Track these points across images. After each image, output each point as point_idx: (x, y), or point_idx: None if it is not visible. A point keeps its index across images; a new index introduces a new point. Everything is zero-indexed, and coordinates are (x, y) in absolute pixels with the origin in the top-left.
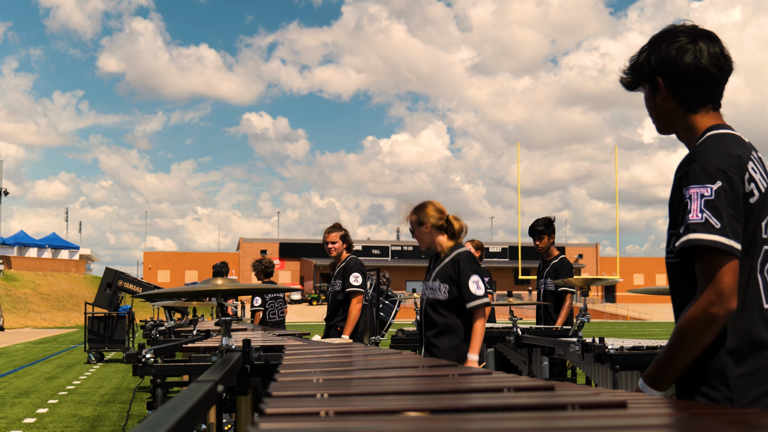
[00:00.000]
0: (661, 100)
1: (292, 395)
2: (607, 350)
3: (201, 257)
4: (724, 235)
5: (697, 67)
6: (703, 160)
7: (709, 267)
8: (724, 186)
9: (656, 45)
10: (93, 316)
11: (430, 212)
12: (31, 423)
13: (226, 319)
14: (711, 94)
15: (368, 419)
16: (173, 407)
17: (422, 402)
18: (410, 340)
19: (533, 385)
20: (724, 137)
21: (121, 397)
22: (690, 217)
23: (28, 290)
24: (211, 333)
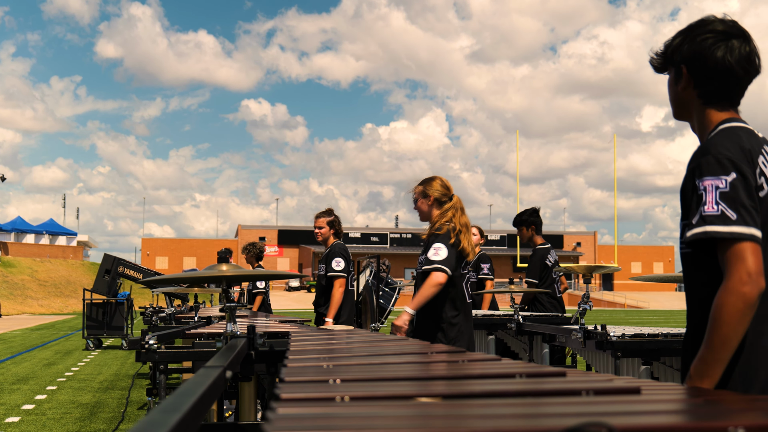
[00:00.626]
0: (682, 88)
1: (305, 380)
2: (609, 338)
3: (199, 244)
4: (742, 224)
5: (724, 64)
6: (716, 152)
7: (732, 253)
8: (739, 177)
9: (691, 34)
10: (91, 302)
11: (435, 186)
12: (30, 409)
13: (231, 305)
14: (732, 92)
15: (384, 404)
16: (186, 393)
17: (435, 387)
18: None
19: (545, 371)
20: (737, 130)
21: (120, 383)
22: (705, 209)
23: (25, 276)
24: (213, 319)
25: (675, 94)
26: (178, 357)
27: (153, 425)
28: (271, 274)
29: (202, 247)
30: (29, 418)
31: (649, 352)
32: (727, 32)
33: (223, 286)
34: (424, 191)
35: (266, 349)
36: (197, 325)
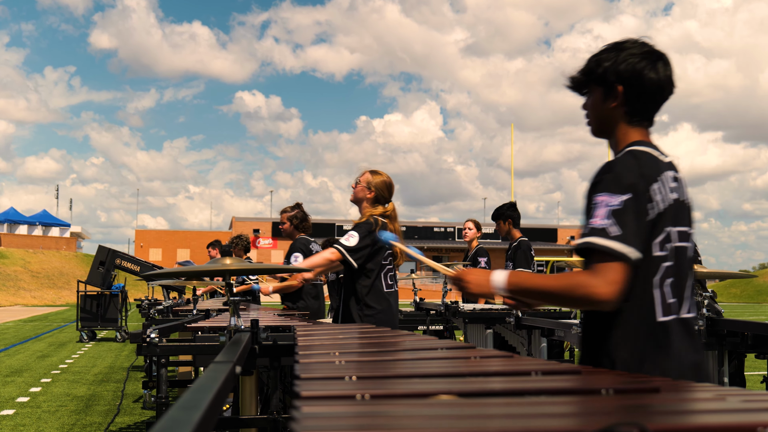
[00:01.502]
0: (612, 106)
1: (321, 377)
2: None
3: (193, 236)
4: (623, 242)
5: (657, 84)
6: (617, 171)
7: (604, 264)
8: (633, 199)
9: (622, 54)
10: (85, 294)
11: (382, 184)
12: (25, 402)
13: (234, 299)
14: (653, 112)
15: (405, 403)
16: (202, 389)
17: (452, 385)
18: (408, 321)
19: (561, 368)
20: (640, 155)
21: (115, 376)
22: (593, 222)
23: (18, 268)
24: (211, 312)
25: (601, 111)
26: (180, 350)
27: (177, 423)
28: (275, 268)
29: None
30: (24, 411)
31: None
32: (652, 53)
33: (227, 279)
34: (369, 181)
35: (270, 343)
36: (196, 318)
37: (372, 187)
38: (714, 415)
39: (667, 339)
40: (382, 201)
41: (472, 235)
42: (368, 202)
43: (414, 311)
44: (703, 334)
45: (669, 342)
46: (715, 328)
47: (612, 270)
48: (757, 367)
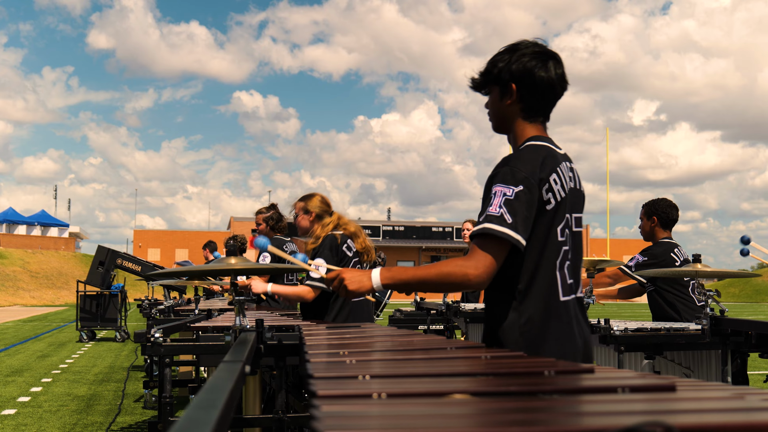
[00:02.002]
0: (508, 104)
1: (334, 376)
2: (613, 332)
3: (191, 236)
4: (514, 230)
5: (548, 81)
6: (513, 165)
7: (489, 247)
8: (525, 190)
9: (515, 55)
10: (85, 294)
11: (316, 202)
12: (26, 402)
13: (239, 298)
14: (547, 107)
15: (423, 402)
16: (216, 388)
17: (467, 384)
18: (408, 321)
19: (574, 368)
20: (538, 148)
21: (116, 376)
22: (490, 210)
23: (16, 268)
24: (213, 312)
25: (499, 109)
26: (184, 350)
27: (197, 423)
28: (281, 268)
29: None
30: (25, 411)
31: (652, 347)
32: (543, 53)
33: (232, 279)
34: (305, 207)
35: (275, 343)
36: (199, 318)
37: (310, 209)
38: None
39: (569, 317)
40: (325, 215)
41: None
42: (315, 223)
43: (414, 311)
44: (707, 333)
45: (570, 319)
46: (719, 327)
47: (492, 254)
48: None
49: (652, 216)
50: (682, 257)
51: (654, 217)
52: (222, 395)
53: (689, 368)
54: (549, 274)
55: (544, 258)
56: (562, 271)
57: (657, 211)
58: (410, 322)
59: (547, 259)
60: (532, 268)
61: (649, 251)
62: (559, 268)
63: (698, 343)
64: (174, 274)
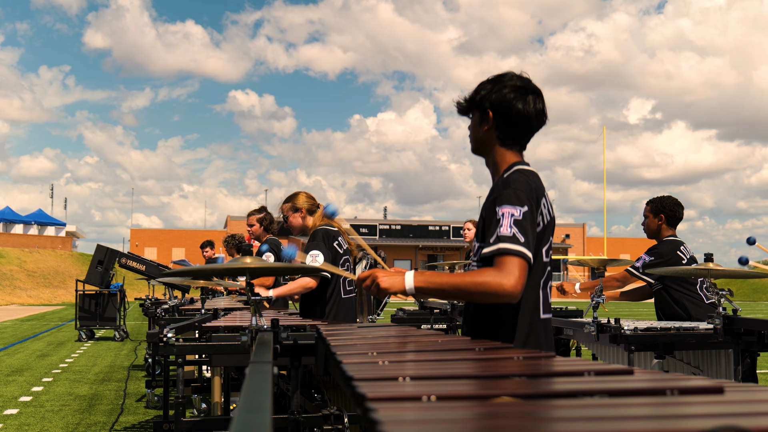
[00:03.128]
0: (486, 129)
1: (375, 377)
2: (623, 331)
3: (188, 234)
4: (526, 247)
5: (524, 114)
6: (515, 187)
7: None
8: (529, 211)
9: (497, 86)
10: (84, 293)
11: (302, 199)
12: (28, 401)
13: (256, 298)
14: (524, 138)
15: (472, 405)
16: (256, 390)
17: (509, 386)
18: (411, 320)
19: (613, 369)
20: (529, 173)
21: (116, 375)
22: (501, 231)
23: (13, 267)
24: (219, 311)
25: (477, 133)
26: (196, 350)
27: (254, 426)
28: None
29: (191, 238)
30: (28, 411)
31: (662, 346)
32: (524, 88)
33: (247, 278)
34: (293, 206)
35: (290, 343)
36: (206, 317)
37: (299, 207)
38: None
39: (548, 334)
40: (314, 209)
41: (472, 236)
42: (307, 219)
43: (418, 310)
44: (720, 332)
45: (548, 336)
46: (732, 326)
47: (519, 269)
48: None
49: (659, 214)
50: (689, 254)
51: (661, 215)
52: (266, 397)
53: (698, 368)
54: (534, 292)
55: (531, 277)
56: (545, 290)
57: (664, 208)
58: (413, 321)
59: (533, 278)
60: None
61: (655, 250)
62: (542, 287)
63: (709, 342)
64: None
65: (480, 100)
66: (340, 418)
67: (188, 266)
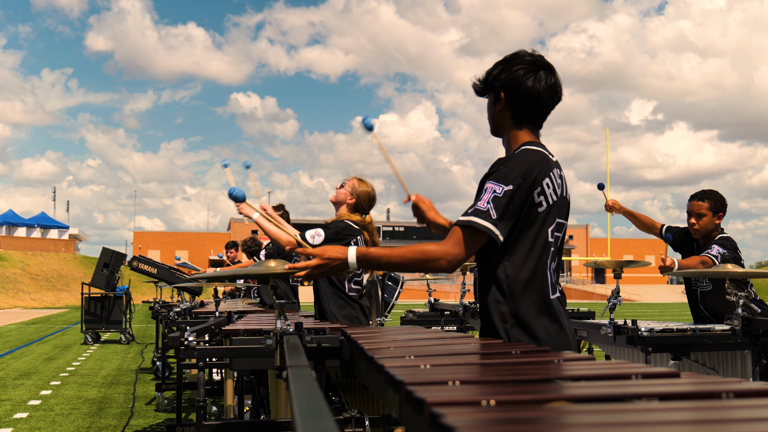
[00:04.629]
0: (500, 110)
1: (425, 382)
2: (640, 333)
3: (191, 237)
4: (495, 226)
5: (534, 91)
6: (508, 165)
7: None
8: (515, 190)
9: (508, 65)
10: (89, 296)
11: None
12: (37, 405)
13: (281, 302)
14: (538, 116)
15: (532, 409)
16: (309, 394)
17: (566, 390)
18: (421, 322)
19: (659, 371)
20: (533, 153)
21: (124, 378)
22: (478, 204)
23: (17, 270)
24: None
25: (493, 114)
26: (217, 354)
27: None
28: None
29: (194, 240)
30: (38, 414)
31: (679, 347)
32: (536, 63)
33: (272, 281)
34: (355, 189)
35: (314, 346)
36: (220, 320)
37: (355, 194)
38: None
39: (558, 313)
40: (361, 211)
41: None
42: (348, 207)
43: (428, 311)
44: (739, 333)
45: (558, 315)
46: (750, 327)
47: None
48: None
49: (719, 212)
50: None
51: (720, 213)
52: (322, 401)
53: (714, 369)
54: (541, 272)
55: (537, 257)
56: (550, 270)
57: (723, 207)
58: (423, 323)
59: (540, 258)
60: (525, 267)
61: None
62: (548, 268)
63: (726, 343)
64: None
65: (492, 81)
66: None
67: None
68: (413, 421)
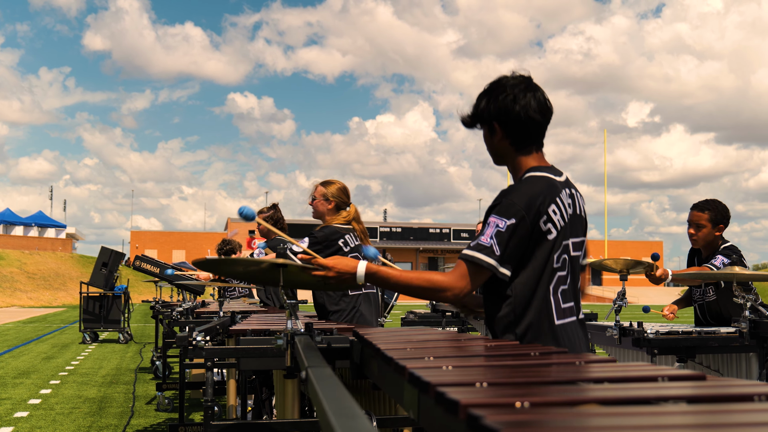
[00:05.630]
0: (498, 140)
1: (451, 383)
2: (646, 335)
3: (188, 237)
4: (499, 262)
5: (525, 115)
6: (511, 197)
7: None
8: (517, 224)
9: (493, 95)
10: (88, 295)
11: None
12: (37, 404)
13: (292, 302)
14: (536, 136)
15: (569, 412)
16: (338, 395)
17: (595, 392)
18: (422, 323)
19: (686, 374)
20: (537, 180)
21: (123, 378)
22: (481, 239)
23: (14, 269)
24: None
25: (492, 146)
26: (225, 354)
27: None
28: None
29: (191, 240)
30: (38, 413)
31: (684, 350)
32: (518, 86)
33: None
34: (325, 194)
35: (324, 346)
36: (224, 320)
37: (330, 197)
38: None
39: (565, 339)
40: (344, 207)
41: None
42: (330, 212)
43: (430, 312)
44: (746, 336)
45: (571, 341)
46: (757, 330)
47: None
48: None
49: (719, 224)
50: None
51: (721, 225)
52: (352, 401)
53: (718, 371)
54: (542, 299)
55: (539, 285)
56: (556, 295)
57: (725, 219)
58: (424, 324)
59: (542, 285)
60: (529, 295)
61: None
62: (552, 293)
63: (731, 346)
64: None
65: (481, 113)
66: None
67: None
68: (443, 422)
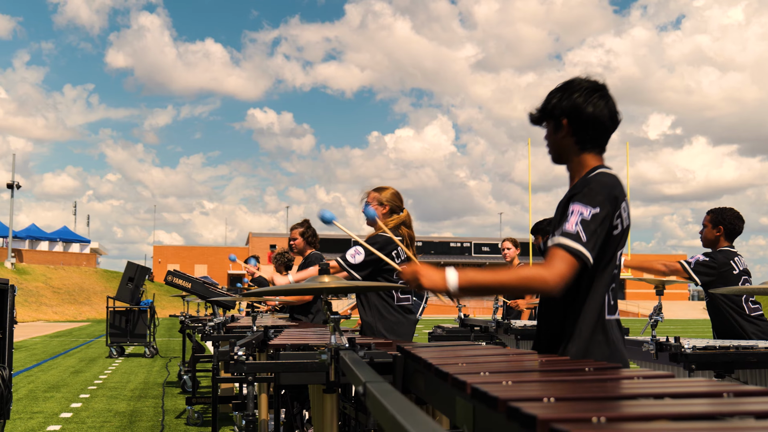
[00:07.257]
0: (562, 137)
1: (519, 398)
2: (684, 350)
3: (210, 251)
4: (587, 249)
5: (595, 116)
6: (593, 188)
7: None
8: (601, 213)
9: (567, 92)
10: (114, 310)
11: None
12: (69, 417)
13: (335, 317)
14: (601, 139)
15: (642, 427)
16: (412, 411)
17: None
18: (451, 338)
19: (751, 389)
20: (612, 177)
21: (152, 392)
22: (566, 226)
23: (39, 284)
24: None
25: (555, 142)
26: (266, 369)
27: None
28: (367, 286)
29: (213, 255)
30: (70, 427)
31: (722, 365)
32: (592, 90)
33: (325, 297)
34: (379, 199)
35: (367, 361)
36: (257, 335)
37: (384, 201)
38: None
39: (612, 335)
40: (398, 211)
41: (512, 254)
42: (384, 217)
43: (458, 327)
44: None
45: (612, 338)
46: None
47: (567, 266)
48: None
49: (719, 225)
50: (742, 266)
51: (720, 227)
52: (422, 415)
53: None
54: (600, 293)
55: (599, 278)
56: (609, 292)
57: (725, 220)
58: (453, 338)
59: (601, 279)
60: (588, 287)
61: (711, 254)
62: (608, 289)
63: None
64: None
65: (552, 109)
66: None
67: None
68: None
